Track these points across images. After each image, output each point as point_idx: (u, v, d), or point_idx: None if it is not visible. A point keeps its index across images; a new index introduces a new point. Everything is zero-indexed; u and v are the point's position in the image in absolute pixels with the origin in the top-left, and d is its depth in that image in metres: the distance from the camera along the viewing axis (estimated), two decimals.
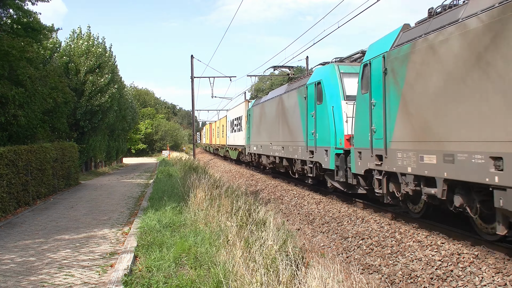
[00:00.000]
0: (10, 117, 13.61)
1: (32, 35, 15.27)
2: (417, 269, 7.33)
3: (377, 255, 8.51)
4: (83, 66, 23.95)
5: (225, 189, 12.06)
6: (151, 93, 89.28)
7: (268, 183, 20.18)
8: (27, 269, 6.51)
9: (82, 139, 24.47)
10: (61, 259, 7.04)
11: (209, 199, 10.33)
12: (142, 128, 65.50)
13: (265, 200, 16.21)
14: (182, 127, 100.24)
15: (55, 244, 8.15)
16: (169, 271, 5.99)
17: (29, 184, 13.31)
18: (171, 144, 69.64)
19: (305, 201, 14.47)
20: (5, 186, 11.36)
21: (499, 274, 6.37)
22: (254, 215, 8.80)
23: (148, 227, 8.61)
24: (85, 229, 9.50)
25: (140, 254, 7.01)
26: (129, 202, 13.78)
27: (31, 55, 14.58)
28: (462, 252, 7.33)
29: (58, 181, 16.87)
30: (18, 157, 12.31)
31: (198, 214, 9.54)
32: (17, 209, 12.35)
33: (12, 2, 14.09)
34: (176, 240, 7.44)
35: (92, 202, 13.95)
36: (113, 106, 26.28)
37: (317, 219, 12.10)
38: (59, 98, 16.97)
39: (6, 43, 13.04)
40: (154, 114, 73.70)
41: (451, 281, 6.66)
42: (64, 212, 11.99)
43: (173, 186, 15.11)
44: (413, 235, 8.72)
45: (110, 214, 11.59)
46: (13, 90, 13.28)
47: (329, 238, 10.45)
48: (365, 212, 11.32)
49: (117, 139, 35.85)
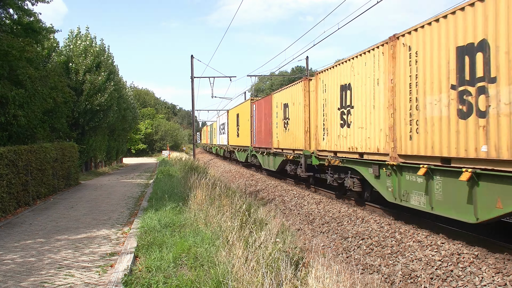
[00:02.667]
0: (10, 117, 13.61)
1: (32, 36, 15.28)
2: (417, 269, 7.32)
3: (377, 255, 8.51)
4: (81, 65, 24.00)
5: (225, 189, 12.06)
6: (151, 93, 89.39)
7: (268, 183, 20.17)
8: (27, 269, 6.51)
9: (82, 139, 24.48)
10: (61, 259, 7.04)
11: (209, 199, 10.32)
12: (142, 128, 65.52)
13: (265, 200, 16.21)
14: (182, 127, 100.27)
15: (55, 244, 8.15)
16: (169, 271, 5.99)
17: (29, 184, 13.31)
18: (171, 144, 69.64)
19: (305, 201, 14.47)
20: (5, 186, 11.36)
21: (499, 274, 6.37)
22: (254, 215, 8.80)
23: (148, 227, 8.62)
24: (85, 229, 9.50)
25: (140, 254, 7.01)
26: (129, 202, 13.78)
27: (31, 55, 14.58)
28: (462, 252, 7.33)
29: (58, 181, 16.87)
30: (18, 157, 12.31)
31: (198, 214, 9.54)
32: (17, 209, 12.36)
33: (12, 1, 14.09)
34: (176, 240, 7.44)
35: (92, 202, 13.95)
36: (113, 106, 26.31)
37: (317, 219, 12.10)
38: (59, 98, 16.98)
39: (6, 43, 13.04)
40: (154, 114, 73.73)
41: (451, 281, 6.66)
42: (64, 212, 11.99)
43: (173, 186, 15.11)
44: (413, 235, 8.72)
45: (110, 214, 11.59)
46: (13, 90, 13.28)
47: (329, 238, 10.45)
48: (365, 212, 11.32)
49: (117, 139, 35.85)
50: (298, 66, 72.05)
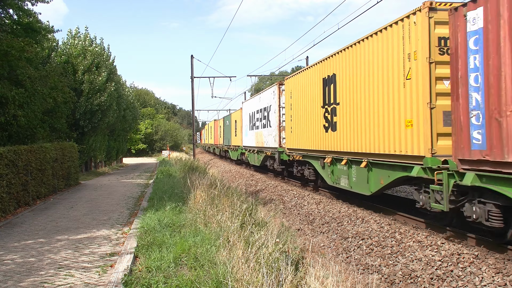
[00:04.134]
0: (10, 117, 13.60)
1: (31, 36, 15.27)
2: (417, 269, 7.32)
3: (377, 255, 8.51)
4: (80, 65, 23.99)
5: (225, 189, 12.05)
6: (151, 93, 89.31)
7: (268, 183, 20.17)
8: (27, 270, 6.51)
9: (82, 139, 24.47)
10: (61, 259, 7.03)
11: (209, 199, 10.32)
12: (142, 128, 65.49)
13: (265, 200, 16.22)
14: (182, 127, 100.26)
15: (55, 244, 8.15)
16: (169, 271, 5.99)
17: (29, 184, 13.31)
18: (171, 144, 69.62)
19: (305, 201, 14.47)
20: (5, 186, 11.36)
21: (499, 274, 6.37)
22: (254, 215, 8.80)
23: (148, 227, 8.61)
24: (85, 229, 9.50)
25: (140, 254, 7.01)
26: (129, 202, 13.78)
27: (31, 55, 14.57)
28: (462, 252, 7.33)
29: (58, 181, 16.86)
30: (18, 157, 12.30)
31: (198, 214, 9.54)
32: (17, 209, 12.35)
33: (13, 1, 14.08)
34: (176, 240, 7.44)
35: (92, 202, 13.94)
36: (112, 106, 26.29)
37: (317, 219, 12.10)
38: (59, 98, 16.97)
39: (6, 43, 13.03)
40: (154, 114, 73.69)
41: (451, 281, 6.66)
42: (64, 212, 11.99)
43: (173, 186, 15.11)
44: (413, 235, 8.72)
45: (110, 214, 11.59)
46: (13, 90, 13.28)
47: (329, 238, 10.45)
48: (365, 212, 11.32)
49: (117, 139, 35.84)
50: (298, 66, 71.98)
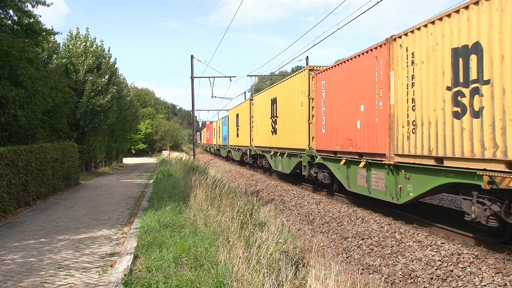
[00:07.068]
0: (10, 117, 13.60)
1: (32, 37, 15.26)
2: (417, 269, 7.33)
3: (377, 255, 8.51)
4: (82, 65, 23.98)
5: (226, 189, 12.05)
6: (151, 93, 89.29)
7: (268, 183, 20.18)
8: (28, 270, 6.51)
9: (82, 139, 24.47)
10: (62, 259, 7.04)
11: (210, 199, 10.32)
12: (142, 128, 65.50)
13: (265, 200, 16.21)
14: (182, 127, 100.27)
15: (55, 244, 8.15)
16: (169, 271, 5.99)
17: (29, 184, 13.31)
18: (171, 144, 69.64)
19: (305, 201, 14.47)
20: (5, 186, 11.36)
21: (499, 274, 6.37)
22: (255, 215, 8.80)
23: (148, 227, 8.61)
24: (85, 229, 9.50)
25: (140, 254, 7.01)
26: (129, 202, 13.78)
27: (31, 56, 14.57)
28: (462, 252, 7.33)
29: (58, 181, 16.87)
30: (18, 157, 12.31)
31: (198, 214, 9.54)
32: (17, 209, 12.36)
33: (13, 2, 14.08)
34: (176, 240, 7.44)
35: (92, 202, 13.95)
36: (113, 106, 26.30)
37: (317, 219, 12.10)
38: (58, 98, 16.96)
39: (6, 44, 13.03)
40: (154, 114, 73.70)
41: (451, 281, 6.66)
42: (64, 212, 11.99)
43: (173, 186, 15.11)
44: (413, 235, 8.72)
45: (110, 214, 11.59)
46: (14, 90, 13.27)
47: (329, 238, 10.45)
48: (365, 212, 11.32)
49: (117, 139, 35.85)
50: (298, 66, 72.04)
